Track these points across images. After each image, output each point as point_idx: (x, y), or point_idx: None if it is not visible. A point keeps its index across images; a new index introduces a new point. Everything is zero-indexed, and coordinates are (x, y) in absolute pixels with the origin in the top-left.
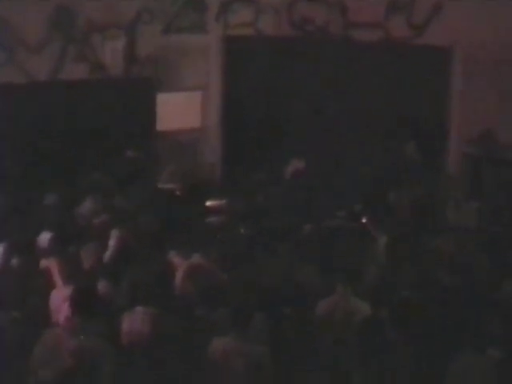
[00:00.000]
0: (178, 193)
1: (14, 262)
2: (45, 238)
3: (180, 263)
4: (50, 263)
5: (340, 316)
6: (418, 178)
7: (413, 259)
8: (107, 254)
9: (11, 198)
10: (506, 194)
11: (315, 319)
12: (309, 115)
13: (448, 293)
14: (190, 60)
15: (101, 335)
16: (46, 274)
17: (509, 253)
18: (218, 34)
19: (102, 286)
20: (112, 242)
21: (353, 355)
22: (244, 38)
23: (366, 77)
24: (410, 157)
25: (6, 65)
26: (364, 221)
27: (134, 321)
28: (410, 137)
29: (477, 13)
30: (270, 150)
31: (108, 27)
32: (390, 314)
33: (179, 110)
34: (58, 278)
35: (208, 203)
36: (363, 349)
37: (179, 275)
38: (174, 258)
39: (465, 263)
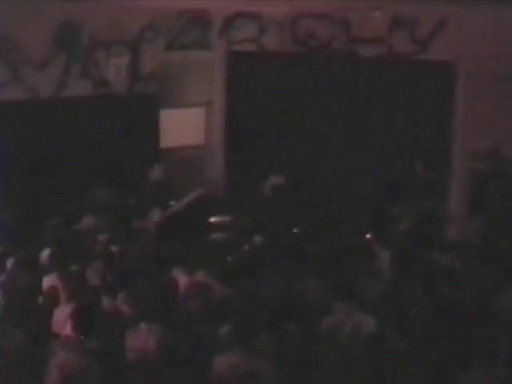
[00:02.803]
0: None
1: (19, 278)
2: (47, 254)
3: (184, 280)
4: (53, 280)
5: (346, 332)
6: (425, 194)
7: (417, 274)
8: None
9: (15, 215)
10: (510, 209)
11: (321, 335)
12: (312, 130)
13: (453, 308)
14: (194, 76)
15: (94, 352)
16: (50, 291)
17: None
18: (222, 50)
19: (106, 303)
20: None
21: (359, 370)
22: (247, 54)
23: (369, 92)
24: (418, 174)
25: (10, 82)
26: (368, 236)
27: (138, 337)
28: (415, 153)
29: (480, 27)
30: (275, 166)
31: (112, 44)
32: (396, 329)
33: (183, 127)
34: (61, 296)
35: (212, 220)
36: (370, 363)
37: (183, 292)
38: (178, 275)
39: (469, 278)
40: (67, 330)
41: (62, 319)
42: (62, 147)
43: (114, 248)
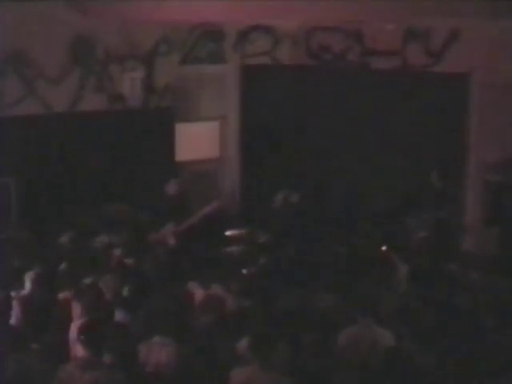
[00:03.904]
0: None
1: (35, 293)
2: (63, 269)
3: (199, 293)
4: (68, 295)
5: (364, 346)
6: (440, 205)
7: (435, 286)
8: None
9: (30, 229)
10: None
11: (338, 349)
12: (326, 142)
13: (470, 319)
14: (208, 90)
15: (115, 367)
16: (66, 305)
17: None
18: (236, 64)
19: (119, 316)
20: None
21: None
22: (262, 67)
23: (384, 104)
24: (434, 185)
25: (26, 97)
26: (384, 248)
27: (152, 351)
28: (430, 165)
29: (494, 39)
30: (289, 178)
31: (126, 58)
32: (414, 342)
33: (198, 140)
34: (76, 310)
35: (228, 233)
36: (390, 378)
37: (198, 306)
38: (194, 288)
39: (485, 289)
40: (77, 346)
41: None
42: (77, 162)
43: (128, 261)
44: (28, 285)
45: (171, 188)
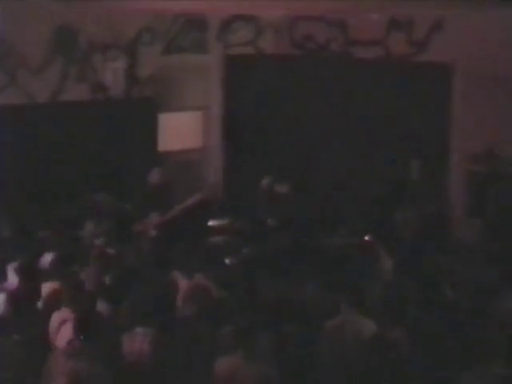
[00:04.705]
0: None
1: (19, 284)
2: (47, 259)
3: (183, 283)
4: (52, 285)
5: (348, 335)
6: (422, 197)
7: (419, 277)
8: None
9: (12, 220)
10: (508, 209)
11: (322, 339)
12: (310, 132)
13: (453, 310)
14: (191, 80)
15: (99, 358)
16: (51, 296)
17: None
18: (219, 53)
19: (102, 307)
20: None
21: (360, 373)
22: (245, 56)
23: (367, 94)
24: (414, 175)
25: (7, 87)
26: (367, 238)
27: (134, 342)
28: (413, 155)
29: (477, 28)
30: (273, 168)
31: (109, 48)
32: (399, 332)
33: (181, 130)
34: (59, 301)
35: (211, 223)
36: (374, 366)
37: (182, 295)
38: (177, 278)
39: (469, 280)
40: (62, 335)
41: (56, 323)
42: (60, 152)
43: (111, 252)
44: (11, 276)
45: (154, 178)
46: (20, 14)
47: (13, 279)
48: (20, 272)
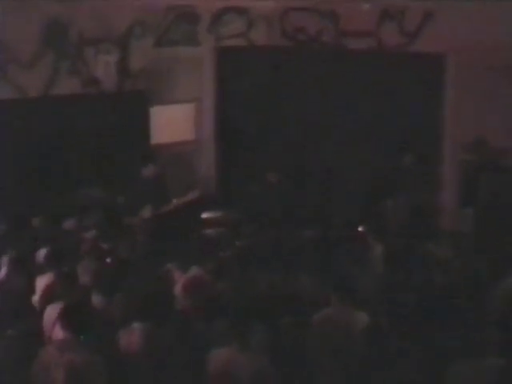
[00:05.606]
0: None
1: (11, 278)
2: (43, 253)
3: (178, 276)
4: (46, 279)
5: (339, 326)
6: (415, 187)
7: (410, 267)
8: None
9: (3, 214)
10: (500, 199)
11: (313, 330)
12: (302, 124)
13: (445, 299)
14: (183, 72)
15: (95, 350)
16: (46, 290)
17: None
18: (211, 46)
19: (96, 300)
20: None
21: (352, 364)
22: (236, 48)
23: (359, 85)
24: (407, 166)
25: None
26: (360, 229)
27: (131, 336)
28: (406, 146)
29: (469, 19)
30: (265, 161)
31: (101, 41)
32: (390, 322)
33: (173, 123)
34: (54, 295)
35: (204, 215)
36: (366, 357)
37: (177, 288)
38: (172, 270)
39: (461, 269)
40: (56, 328)
41: (51, 317)
42: (52, 146)
43: (104, 246)
44: (3, 270)
45: (147, 171)
46: (10, 8)
47: (5, 273)
48: (10, 265)
